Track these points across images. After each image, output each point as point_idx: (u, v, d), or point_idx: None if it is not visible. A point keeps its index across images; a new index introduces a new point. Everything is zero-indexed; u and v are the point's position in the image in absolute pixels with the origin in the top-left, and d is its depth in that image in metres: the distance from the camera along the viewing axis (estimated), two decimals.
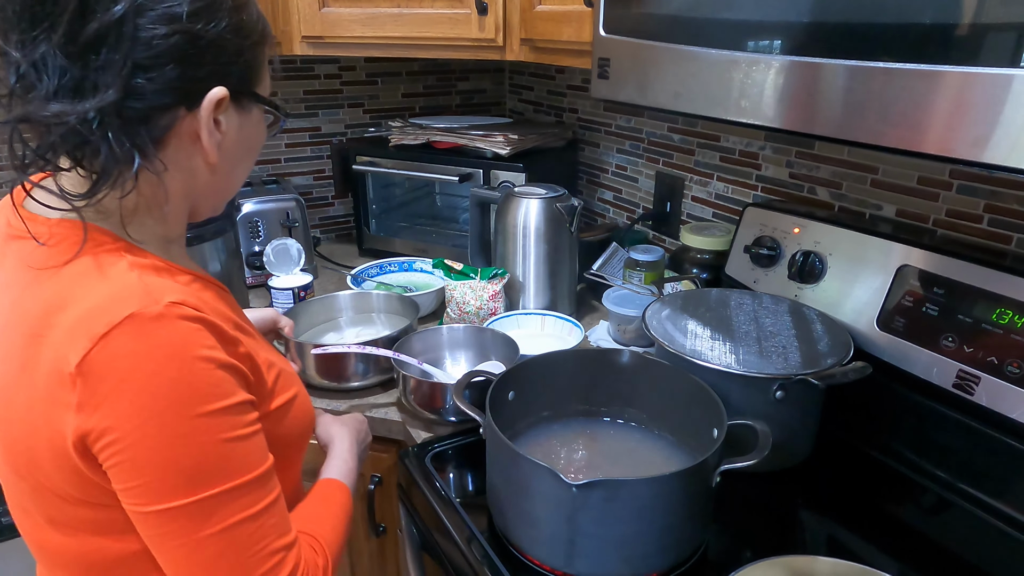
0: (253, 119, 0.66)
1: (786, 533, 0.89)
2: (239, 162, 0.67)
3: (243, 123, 0.64)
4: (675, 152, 1.49)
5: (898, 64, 0.61)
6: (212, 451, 0.56)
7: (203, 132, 0.59)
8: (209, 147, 0.61)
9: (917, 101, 0.60)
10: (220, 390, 0.56)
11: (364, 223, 1.75)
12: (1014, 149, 0.53)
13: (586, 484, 0.70)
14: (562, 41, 1.15)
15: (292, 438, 0.71)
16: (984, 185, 0.96)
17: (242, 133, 0.65)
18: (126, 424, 0.53)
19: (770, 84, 0.72)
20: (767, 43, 0.72)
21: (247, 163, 0.69)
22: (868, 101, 0.64)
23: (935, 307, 0.92)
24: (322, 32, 1.36)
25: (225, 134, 0.62)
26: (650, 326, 1.01)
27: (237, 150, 0.65)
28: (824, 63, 0.68)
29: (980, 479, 0.90)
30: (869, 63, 0.64)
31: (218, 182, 0.67)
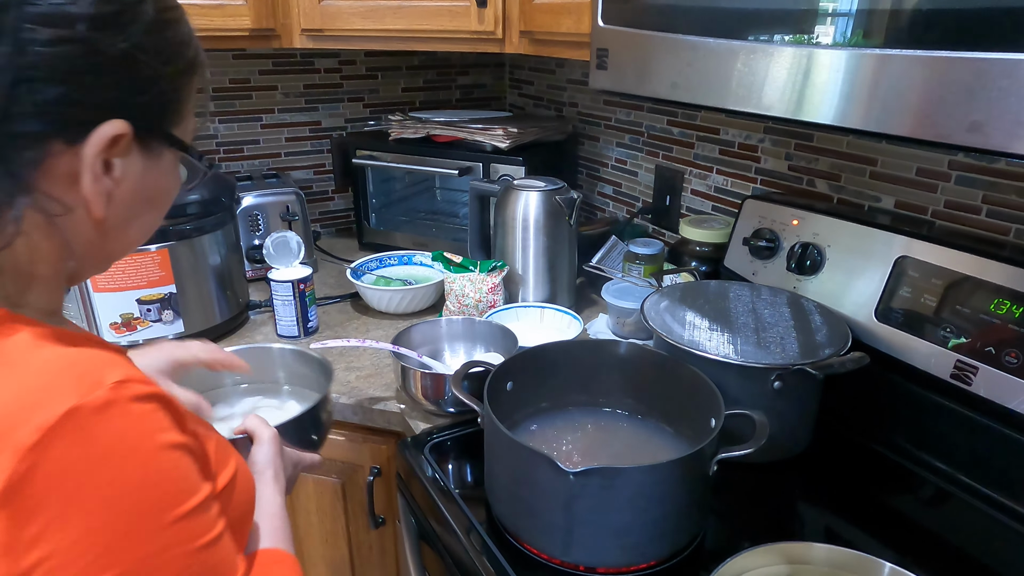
0: (163, 166, 0.52)
1: (784, 523, 0.89)
2: (136, 217, 0.52)
3: (148, 170, 0.51)
4: (675, 146, 1.49)
5: (901, 51, 0.61)
6: (188, 565, 0.45)
7: (84, 176, 0.46)
8: (92, 196, 0.47)
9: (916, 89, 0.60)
10: (189, 484, 0.46)
11: (364, 217, 1.75)
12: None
13: (583, 472, 0.70)
14: (561, 33, 1.15)
15: (237, 522, 0.57)
16: (982, 176, 0.96)
17: (144, 182, 0.51)
18: (80, 559, 0.40)
19: (767, 73, 0.72)
20: (764, 32, 0.72)
21: (149, 218, 0.54)
22: (871, 89, 0.64)
23: (933, 298, 0.92)
24: (322, 25, 1.36)
25: (119, 181, 0.48)
26: (648, 318, 1.01)
27: (135, 202, 0.51)
28: (822, 51, 0.68)
29: (978, 469, 0.90)
30: (869, 51, 0.64)
31: (106, 242, 0.52)
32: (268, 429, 0.74)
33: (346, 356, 1.24)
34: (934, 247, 0.93)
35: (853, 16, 0.65)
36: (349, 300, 1.49)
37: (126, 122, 0.47)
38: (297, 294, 1.29)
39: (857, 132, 0.66)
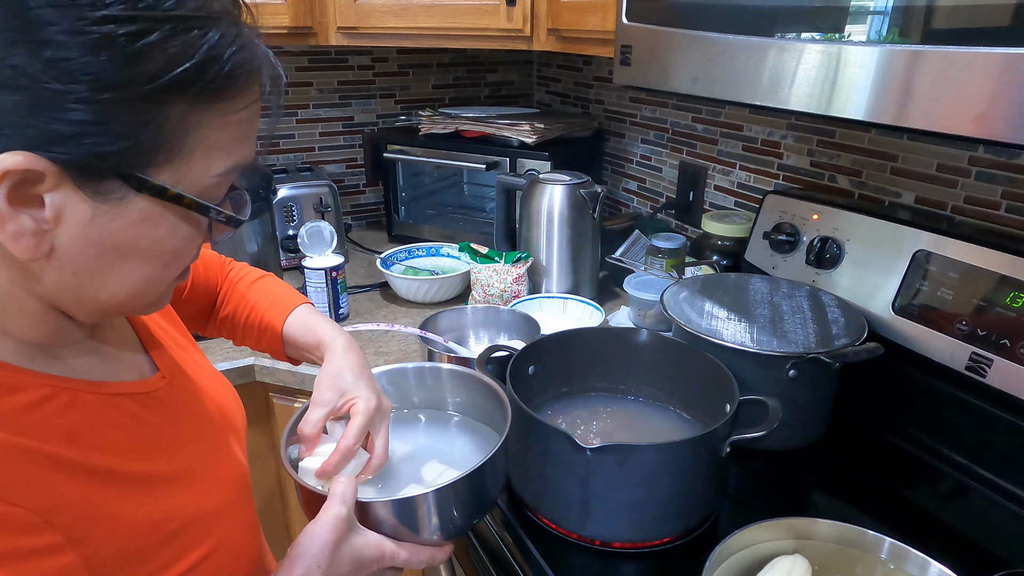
0: (130, 213, 0.43)
1: (797, 508, 0.91)
2: (109, 268, 0.45)
3: (102, 216, 0.42)
4: (698, 142, 1.51)
5: (928, 47, 0.63)
6: None
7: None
8: (5, 236, 0.40)
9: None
10: None
11: (394, 210, 1.80)
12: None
13: (599, 448, 0.73)
14: (587, 30, 1.18)
15: None
16: (1002, 172, 0.97)
17: (101, 229, 0.42)
18: None
19: (784, 68, 0.75)
20: (786, 28, 0.75)
21: (131, 269, 0.46)
22: (895, 84, 0.67)
23: (949, 291, 0.93)
24: (356, 23, 1.41)
25: (57, 223, 0.41)
26: (668, 307, 1.04)
27: (96, 250, 0.43)
28: (842, 47, 0.70)
29: (991, 460, 0.91)
30: (888, 47, 0.66)
31: (82, 287, 0.45)
32: (335, 506, 0.58)
33: (375, 341, 1.29)
34: (952, 241, 0.94)
35: (860, 11, 0.67)
36: (378, 289, 1.54)
37: (31, 155, 0.38)
38: (329, 281, 1.34)
39: (886, 127, 0.68)
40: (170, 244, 0.46)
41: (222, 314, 0.85)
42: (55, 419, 0.47)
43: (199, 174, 0.44)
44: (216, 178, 0.45)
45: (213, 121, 0.43)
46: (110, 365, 0.55)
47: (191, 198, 0.44)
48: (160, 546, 0.51)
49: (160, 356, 0.62)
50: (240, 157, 0.46)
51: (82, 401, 0.50)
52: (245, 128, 0.46)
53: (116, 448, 0.51)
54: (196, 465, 0.58)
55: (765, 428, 0.80)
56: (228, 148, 0.45)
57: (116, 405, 0.53)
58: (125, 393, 0.54)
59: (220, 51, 0.42)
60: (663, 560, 0.80)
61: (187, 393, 0.63)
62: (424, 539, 0.65)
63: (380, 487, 0.73)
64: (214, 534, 0.55)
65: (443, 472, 0.74)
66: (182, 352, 0.67)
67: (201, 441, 0.61)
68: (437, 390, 0.84)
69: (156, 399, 0.57)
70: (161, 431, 0.56)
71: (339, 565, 0.57)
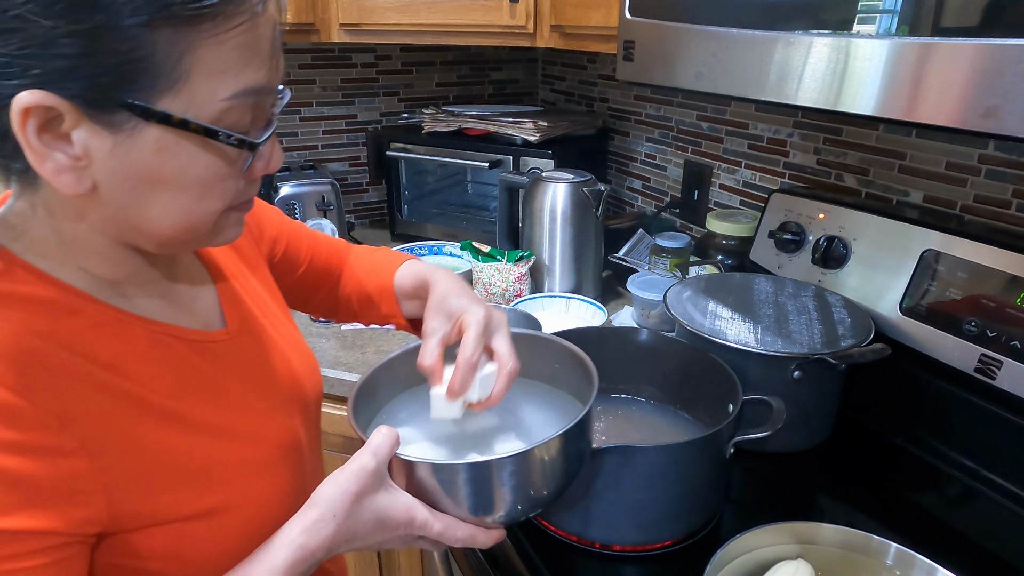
0: (146, 143, 0.45)
1: (803, 511, 0.90)
2: (146, 199, 0.48)
3: (121, 146, 0.45)
4: (704, 140, 1.50)
5: (936, 39, 0.62)
6: None
7: (27, 153, 0.43)
8: (47, 175, 0.44)
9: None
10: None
11: (397, 208, 1.79)
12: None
13: (601, 449, 0.72)
14: (591, 26, 1.17)
15: (207, 569, 0.53)
16: (1013, 170, 0.96)
17: (125, 160, 0.45)
18: None
19: (788, 62, 0.73)
20: (788, 22, 0.73)
21: (168, 199, 0.48)
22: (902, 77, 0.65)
23: (958, 292, 0.92)
24: (359, 19, 1.40)
25: (88, 159, 0.45)
26: (671, 307, 1.03)
27: (129, 182, 0.46)
28: (850, 40, 0.69)
29: (1000, 463, 0.90)
30: (896, 39, 0.65)
31: (128, 218, 0.49)
32: (364, 457, 0.55)
33: (375, 340, 1.28)
34: (961, 241, 0.92)
35: (867, 5, 0.66)
36: None
37: (43, 92, 0.41)
38: None
39: (894, 122, 0.67)
40: (193, 173, 0.47)
41: (343, 296, 0.88)
42: (104, 344, 0.51)
43: (206, 99, 0.45)
44: (226, 102, 0.46)
45: (205, 43, 0.43)
46: (176, 311, 0.58)
47: (196, 123, 0.45)
48: (177, 482, 0.52)
49: (233, 314, 0.64)
50: (249, 80, 0.46)
51: (133, 334, 0.53)
52: (245, 49, 0.45)
53: (156, 383, 0.53)
54: (237, 418, 0.59)
55: (769, 428, 0.79)
56: (231, 70, 0.45)
57: (166, 345, 0.55)
58: (179, 336, 0.56)
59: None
60: (665, 564, 0.78)
61: (251, 352, 0.64)
62: (465, 514, 0.58)
63: (449, 452, 0.66)
64: (236, 487, 0.56)
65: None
66: (266, 318, 0.69)
67: (251, 398, 0.62)
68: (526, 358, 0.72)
69: (211, 350, 0.59)
70: (208, 378, 0.58)
71: (358, 520, 0.54)
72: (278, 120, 0.53)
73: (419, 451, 0.64)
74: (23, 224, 0.50)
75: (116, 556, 0.51)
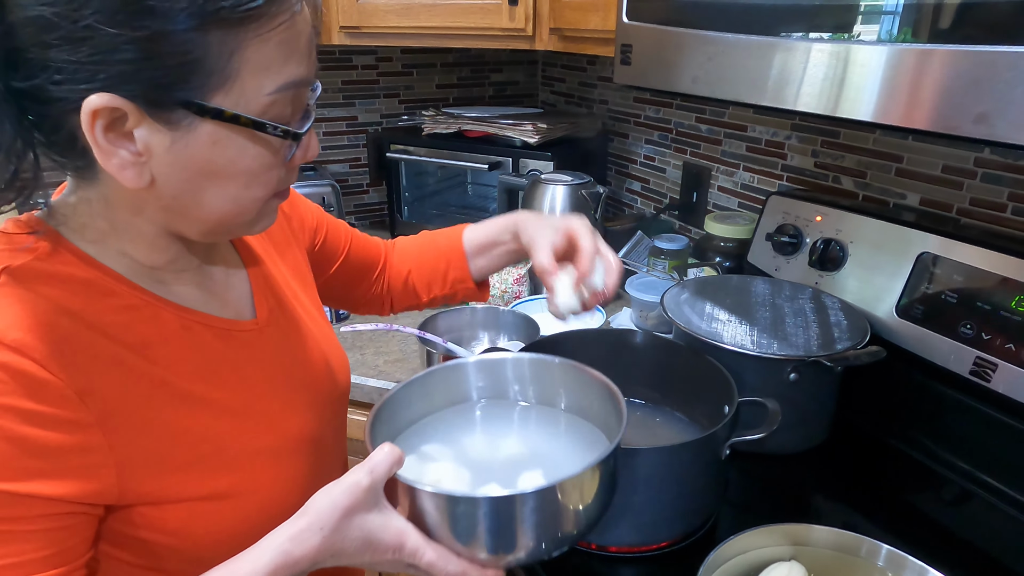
0: (200, 138, 0.48)
1: (799, 512, 0.90)
2: (201, 189, 0.51)
3: (179, 142, 0.48)
4: (702, 142, 1.50)
5: (930, 46, 0.62)
6: None
7: (95, 151, 0.47)
8: (113, 170, 0.48)
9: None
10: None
11: (397, 210, 1.80)
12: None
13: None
14: (589, 29, 1.18)
15: (215, 548, 0.54)
16: (1009, 174, 0.96)
17: (184, 155, 0.49)
18: None
19: (782, 67, 0.74)
20: (785, 27, 0.74)
21: (222, 190, 0.52)
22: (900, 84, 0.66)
23: (954, 294, 0.92)
24: (359, 22, 1.40)
25: (148, 155, 0.48)
26: (668, 308, 1.03)
27: (187, 175, 0.50)
28: (843, 46, 0.69)
29: (995, 465, 0.90)
30: (892, 46, 0.65)
31: (185, 209, 0.53)
32: (358, 473, 0.54)
33: (375, 341, 1.29)
34: (956, 244, 0.93)
35: (863, 9, 0.66)
36: None
37: (109, 95, 0.44)
38: None
39: (888, 128, 0.67)
40: (243, 163, 0.51)
41: (386, 287, 0.93)
42: (134, 326, 0.54)
43: (253, 94, 0.48)
44: (271, 96, 0.49)
45: (251, 42, 0.47)
46: (209, 300, 0.61)
47: (246, 116, 0.49)
48: (189, 463, 0.55)
49: (263, 305, 0.67)
50: (291, 74, 0.50)
51: (164, 319, 0.56)
52: (286, 46, 0.49)
53: (181, 366, 0.56)
54: (257, 406, 0.62)
55: (765, 430, 0.79)
56: (274, 67, 0.48)
57: (194, 332, 0.58)
58: (207, 324, 0.60)
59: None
60: (661, 564, 0.79)
61: (277, 343, 0.67)
62: (461, 549, 0.55)
63: (472, 476, 0.64)
64: (248, 473, 0.59)
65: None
66: (299, 311, 0.72)
67: (274, 387, 0.64)
68: (550, 385, 0.74)
69: (238, 339, 0.62)
70: (232, 366, 0.61)
71: (345, 536, 0.53)
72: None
73: (441, 471, 0.63)
74: (76, 212, 0.54)
75: (128, 526, 0.54)
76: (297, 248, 0.78)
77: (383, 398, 0.66)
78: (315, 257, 0.83)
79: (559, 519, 0.57)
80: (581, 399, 0.72)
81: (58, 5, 0.43)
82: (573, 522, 0.58)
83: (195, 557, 0.56)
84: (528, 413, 0.74)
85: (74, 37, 0.43)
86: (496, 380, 0.74)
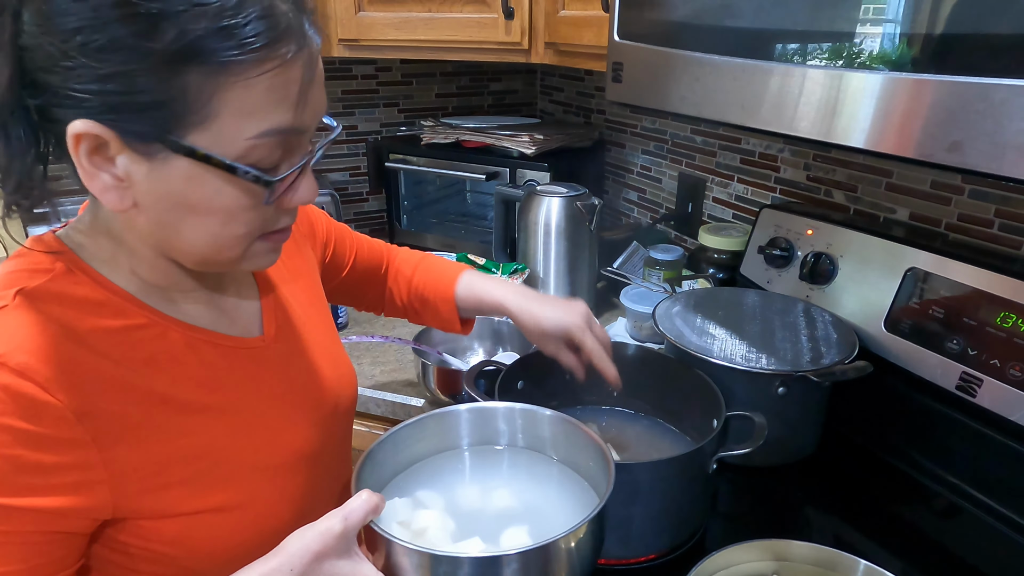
0: (176, 173, 0.49)
1: (786, 525, 0.92)
2: (180, 221, 0.52)
3: (154, 174, 0.49)
4: (697, 153, 1.51)
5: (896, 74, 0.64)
6: None
7: (80, 172, 0.49)
8: (96, 192, 0.50)
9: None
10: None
11: (396, 218, 1.81)
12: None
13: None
14: (583, 45, 1.19)
15: (212, 559, 0.58)
16: (995, 190, 0.97)
17: (162, 187, 0.50)
18: None
19: (765, 89, 0.75)
20: (766, 50, 0.75)
21: (200, 224, 0.52)
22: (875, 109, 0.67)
23: (941, 310, 0.93)
24: (357, 35, 1.42)
25: (130, 181, 0.50)
26: (660, 322, 1.04)
27: (165, 206, 0.51)
28: (819, 70, 0.70)
29: (981, 480, 0.91)
30: (863, 72, 0.67)
31: (166, 237, 0.54)
32: (332, 519, 0.55)
33: (372, 351, 1.30)
34: (943, 259, 0.94)
35: (845, 35, 0.67)
36: None
37: (92, 122, 0.46)
38: None
39: (855, 151, 0.69)
40: (219, 202, 0.51)
41: (389, 298, 0.97)
42: (142, 344, 0.56)
43: (232, 137, 0.48)
44: (252, 140, 0.49)
45: (234, 86, 0.47)
46: (218, 317, 0.63)
47: (219, 158, 0.49)
48: (185, 478, 0.57)
49: (272, 323, 0.68)
50: (275, 121, 0.49)
51: (171, 337, 0.58)
52: (273, 92, 0.48)
53: (183, 383, 0.58)
54: (256, 422, 0.63)
55: (751, 445, 0.80)
56: (258, 112, 0.48)
57: (200, 349, 0.60)
58: (213, 342, 0.61)
59: (228, 20, 0.45)
60: None
61: (283, 360, 0.68)
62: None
63: (457, 526, 0.65)
64: (246, 488, 0.60)
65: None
66: (306, 327, 0.73)
67: (277, 403, 0.66)
68: (540, 435, 0.77)
69: (244, 356, 0.64)
70: (237, 382, 0.62)
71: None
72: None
73: (428, 519, 0.64)
74: (91, 232, 0.57)
75: (127, 536, 0.55)
76: (311, 262, 0.80)
77: (375, 442, 0.68)
78: (324, 268, 0.86)
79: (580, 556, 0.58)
80: (571, 451, 0.74)
81: (52, 36, 0.45)
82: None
83: (190, 567, 0.58)
84: (518, 462, 0.77)
85: (64, 66, 0.45)
86: (487, 428, 0.77)
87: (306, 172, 0.56)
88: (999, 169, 0.53)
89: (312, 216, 0.85)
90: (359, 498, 0.56)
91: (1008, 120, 0.53)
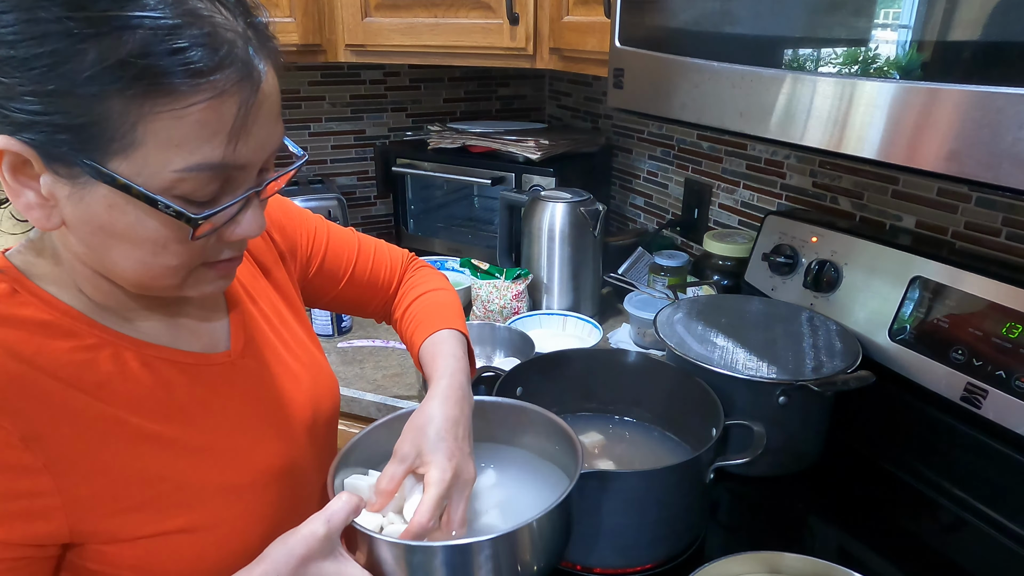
0: (96, 199, 0.47)
1: (785, 535, 0.91)
2: (107, 247, 0.50)
3: (75, 197, 0.47)
4: (704, 159, 1.51)
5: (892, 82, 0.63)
6: None
7: (5, 189, 0.47)
8: (20, 208, 0.48)
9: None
10: None
11: (403, 223, 1.82)
12: None
13: (581, 474, 0.73)
14: (587, 51, 1.19)
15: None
16: (1002, 199, 0.96)
17: (83, 211, 0.48)
18: None
19: (763, 96, 0.75)
20: (766, 57, 0.75)
21: (126, 252, 0.50)
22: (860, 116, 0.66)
23: (946, 320, 0.92)
24: (364, 41, 1.43)
25: (55, 200, 0.48)
26: (662, 330, 1.04)
27: (91, 230, 0.49)
28: (816, 77, 0.70)
29: (985, 492, 0.89)
30: (858, 79, 0.66)
31: (98, 260, 0.52)
32: (316, 523, 0.55)
33: (374, 355, 1.31)
34: (949, 269, 0.93)
35: (847, 41, 0.67)
36: None
37: (12, 139, 0.45)
38: None
39: (856, 160, 0.68)
40: (142, 232, 0.49)
41: (394, 316, 0.89)
42: (92, 366, 0.54)
43: (157, 168, 0.46)
44: (179, 173, 0.46)
45: (160, 116, 0.44)
46: (177, 334, 0.61)
47: (138, 189, 0.46)
48: (144, 502, 0.54)
49: (240, 337, 0.66)
50: (206, 156, 0.46)
51: (124, 358, 0.56)
52: (204, 126, 0.46)
53: (140, 405, 0.56)
54: (224, 441, 0.61)
55: (750, 454, 0.80)
56: (187, 144, 0.46)
57: (158, 369, 0.58)
58: (171, 360, 0.59)
59: (159, 46, 0.43)
60: None
61: (252, 375, 0.66)
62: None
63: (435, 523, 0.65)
64: (209, 509, 0.58)
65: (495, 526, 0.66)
66: (280, 339, 0.70)
67: (245, 420, 0.63)
68: (514, 426, 0.78)
69: (207, 373, 0.61)
70: (198, 401, 0.60)
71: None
72: (289, 136, 0.54)
73: (406, 515, 0.64)
74: (38, 250, 0.55)
75: (88, 562, 0.54)
76: (286, 273, 0.78)
77: (347, 444, 0.68)
78: (312, 281, 0.83)
79: (515, 564, 0.59)
80: (541, 439, 0.76)
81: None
82: (529, 565, 0.60)
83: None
84: (493, 455, 0.78)
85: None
86: None
87: (251, 206, 0.52)
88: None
89: (294, 232, 0.79)
90: (339, 500, 0.56)
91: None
